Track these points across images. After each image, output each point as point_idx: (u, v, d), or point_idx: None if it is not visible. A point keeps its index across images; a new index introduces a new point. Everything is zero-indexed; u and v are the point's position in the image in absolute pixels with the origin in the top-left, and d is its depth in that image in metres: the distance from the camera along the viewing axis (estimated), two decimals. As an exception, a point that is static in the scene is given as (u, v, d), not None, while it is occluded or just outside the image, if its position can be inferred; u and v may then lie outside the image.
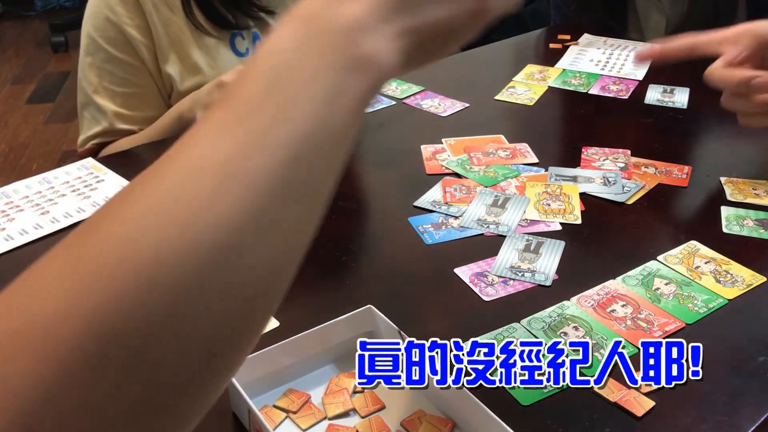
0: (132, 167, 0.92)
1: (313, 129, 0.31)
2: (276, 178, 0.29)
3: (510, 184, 0.86)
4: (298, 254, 0.32)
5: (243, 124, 0.30)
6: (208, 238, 0.27)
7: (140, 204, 0.27)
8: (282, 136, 0.30)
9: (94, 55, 1.04)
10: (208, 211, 0.27)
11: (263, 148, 0.30)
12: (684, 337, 0.62)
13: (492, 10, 0.40)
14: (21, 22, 4.21)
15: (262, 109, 0.31)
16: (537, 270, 0.70)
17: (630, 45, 1.29)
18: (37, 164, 2.69)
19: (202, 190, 0.28)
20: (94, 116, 1.08)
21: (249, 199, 0.28)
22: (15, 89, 3.32)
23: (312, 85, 0.32)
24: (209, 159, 0.29)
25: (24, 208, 0.83)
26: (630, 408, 0.55)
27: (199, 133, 0.30)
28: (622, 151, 0.92)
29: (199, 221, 0.27)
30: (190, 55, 1.06)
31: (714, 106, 1.07)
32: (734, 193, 0.82)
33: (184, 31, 1.05)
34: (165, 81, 1.07)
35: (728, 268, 0.70)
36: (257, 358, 0.54)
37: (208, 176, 0.28)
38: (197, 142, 0.30)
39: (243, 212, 0.28)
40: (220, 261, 0.27)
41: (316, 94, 0.32)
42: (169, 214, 0.27)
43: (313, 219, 0.32)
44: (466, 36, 0.41)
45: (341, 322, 0.58)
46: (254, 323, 0.31)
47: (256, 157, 0.29)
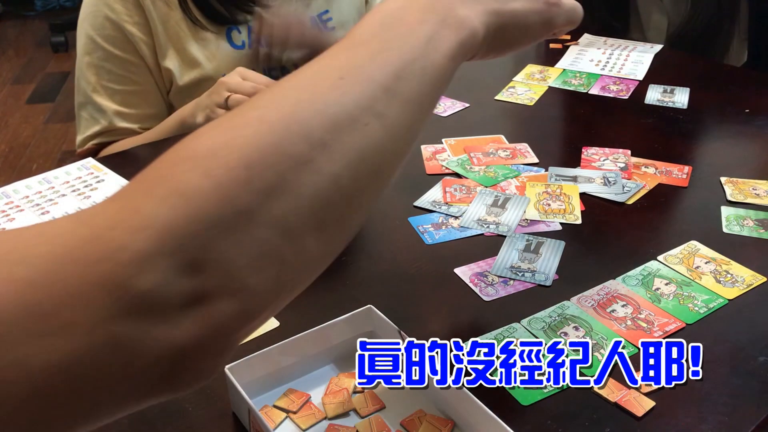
0: (132, 167, 0.92)
1: (412, 58, 0.41)
2: (373, 90, 0.39)
3: (510, 184, 0.86)
4: (401, 145, 0.41)
5: (357, 49, 0.41)
6: (316, 121, 0.37)
7: (292, 93, 0.39)
8: (384, 63, 0.40)
9: (93, 54, 1.05)
10: (327, 94, 0.38)
11: (371, 64, 0.40)
12: (684, 337, 0.62)
13: (557, 20, 0.53)
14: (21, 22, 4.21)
15: (372, 41, 0.41)
16: (537, 270, 0.70)
17: (630, 45, 1.29)
18: (37, 164, 2.69)
19: (327, 79, 0.39)
20: (92, 115, 1.08)
21: (359, 92, 0.38)
22: (15, 89, 3.32)
23: (414, 30, 0.42)
24: (329, 65, 0.40)
25: (24, 208, 0.83)
26: (630, 408, 0.55)
27: (324, 54, 0.41)
28: (622, 151, 0.92)
29: (321, 99, 0.38)
30: (187, 49, 1.06)
31: (714, 106, 1.07)
32: (734, 193, 0.82)
33: (182, 26, 1.05)
34: (164, 76, 1.07)
35: (728, 268, 0.70)
36: (257, 358, 0.54)
37: (331, 72, 0.39)
38: (322, 57, 0.41)
39: (354, 100, 0.38)
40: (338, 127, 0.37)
41: (417, 35, 0.42)
42: (306, 94, 0.38)
43: (410, 127, 0.41)
44: (535, 36, 0.53)
45: (341, 322, 0.58)
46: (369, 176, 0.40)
47: (367, 67, 0.40)
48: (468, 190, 0.84)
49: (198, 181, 0.32)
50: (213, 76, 1.07)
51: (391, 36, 0.42)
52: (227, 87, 0.97)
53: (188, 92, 1.08)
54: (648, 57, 1.23)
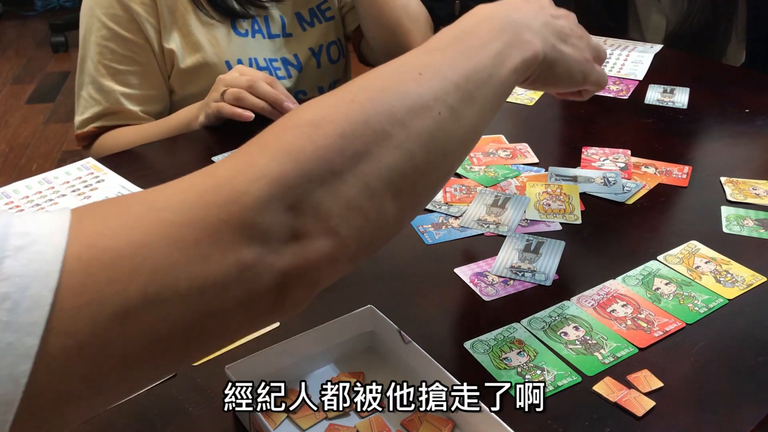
0: (132, 167, 0.92)
1: (482, 66, 0.49)
2: (447, 87, 0.47)
3: (510, 184, 0.86)
4: (467, 136, 0.50)
5: (434, 53, 0.50)
6: (398, 105, 0.45)
7: (379, 81, 0.47)
8: (457, 67, 0.48)
9: (98, 32, 1.05)
10: (407, 84, 0.46)
11: (446, 66, 0.48)
12: (684, 337, 0.62)
13: (590, 76, 0.64)
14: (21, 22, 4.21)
15: (448, 49, 0.50)
16: (537, 270, 0.70)
17: (630, 45, 1.29)
18: (37, 164, 2.68)
19: (409, 73, 0.47)
20: (92, 95, 1.07)
21: (435, 86, 0.46)
22: (15, 89, 3.32)
23: (485, 44, 0.51)
24: (410, 63, 0.49)
25: (24, 208, 0.83)
26: (630, 408, 0.55)
27: (404, 55, 0.50)
28: (622, 151, 0.92)
29: (403, 88, 0.46)
30: (192, 32, 1.07)
31: (714, 106, 1.07)
32: (734, 193, 0.82)
33: (188, 9, 1.06)
34: (167, 58, 1.07)
35: (728, 268, 0.70)
36: (257, 358, 0.54)
37: (412, 68, 0.47)
38: (403, 57, 0.49)
39: (430, 92, 0.46)
40: (415, 112, 0.45)
41: (488, 49, 0.51)
42: (391, 83, 0.46)
43: (475, 124, 0.49)
44: (573, 82, 0.62)
45: (341, 322, 0.58)
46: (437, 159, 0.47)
47: (443, 68, 0.48)
48: (468, 190, 0.84)
49: (302, 144, 0.41)
50: (215, 62, 1.08)
51: (464, 47, 0.50)
52: (225, 83, 0.98)
53: (189, 77, 1.09)
54: (648, 57, 1.23)
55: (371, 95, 0.45)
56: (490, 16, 0.53)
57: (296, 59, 1.17)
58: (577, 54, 0.61)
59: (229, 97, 0.97)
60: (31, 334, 0.32)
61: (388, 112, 0.44)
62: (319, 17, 1.20)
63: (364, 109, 0.43)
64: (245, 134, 0.42)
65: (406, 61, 0.49)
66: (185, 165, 0.98)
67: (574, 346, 0.61)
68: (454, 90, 0.47)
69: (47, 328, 0.32)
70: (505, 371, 0.58)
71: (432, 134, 0.46)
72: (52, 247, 0.34)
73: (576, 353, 0.60)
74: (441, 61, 0.49)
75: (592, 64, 0.64)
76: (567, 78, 0.61)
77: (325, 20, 1.21)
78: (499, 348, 0.61)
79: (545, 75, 0.58)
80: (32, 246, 0.33)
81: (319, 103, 0.45)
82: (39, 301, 0.32)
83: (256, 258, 0.38)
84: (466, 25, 0.53)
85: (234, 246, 0.37)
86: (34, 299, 0.32)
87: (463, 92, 0.48)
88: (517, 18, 0.54)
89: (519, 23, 0.54)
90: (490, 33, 0.52)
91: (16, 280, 0.32)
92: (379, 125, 0.43)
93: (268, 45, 1.14)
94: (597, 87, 0.68)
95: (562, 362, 0.59)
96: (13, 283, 0.32)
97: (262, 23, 1.13)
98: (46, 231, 0.34)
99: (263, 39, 1.13)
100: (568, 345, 0.61)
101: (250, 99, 0.96)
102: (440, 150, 0.47)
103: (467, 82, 0.48)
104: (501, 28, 0.52)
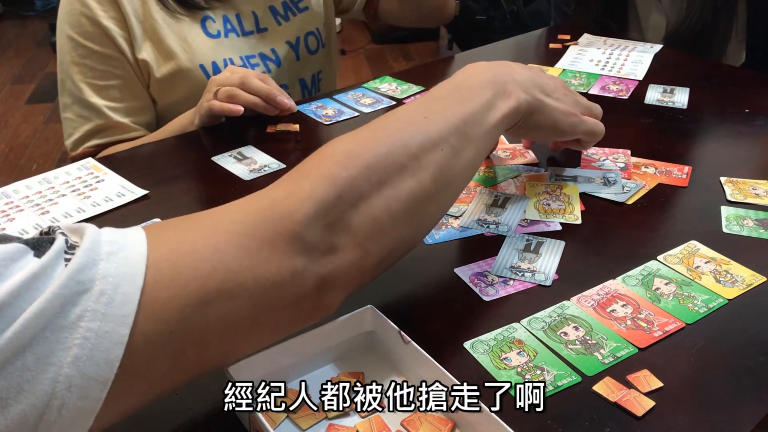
0: (132, 167, 0.92)
1: (475, 111, 0.60)
2: (449, 128, 0.57)
3: (510, 184, 0.86)
4: (465, 169, 0.60)
5: (436, 101, 0.61)
6: (412, 142, 0.55)
7: (396, 123, 0.58)
8: (456, 112, 0.59)
9: (73, 51, 1.06)
10: (418, 125, 0.57)
11: (447, 111, 0.59)
12: (684, 337, 0.62)
13: (579, 128, 0.75)
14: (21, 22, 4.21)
15: (448, 97, 0.61)
16: (537, 270, 0.70)
17: (630, 45, 1.29)
18: (37, 164, 2.69)
19: (418, 116, 0.58)
20: (80, 114, 1.08)
21: (439, 127, 0.57)
22: (15, 89, 3.32)
23: (477, 94, 0.62)
24: (417, 109, 0.59)
25: (24, 208, 0.83)
26: (630, 408, 0.55)
27: (411, 102, 0.62)
28: (622, 151, 0.92)
29: (414, 128, 0.56)
30: (163, 40, 1.07)
31: (714, 106, 1.07)
32: (734, 193, 0.82)
33: (156, 18, 1.06)
34: (142, 69, 1.08)
35: (728, 268, 0.70)
36: (257, 358, 0.54)
37: (419, 113, 0.58)
38: (406, 105, 0.61)
39: (436, 132, 0.56)
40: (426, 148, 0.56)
41: (480, 97, 0.62)
42: (404, 124, 0.58)
43: (471, 159, 0.60)
44: (562, 132, 0.74)
45: (341, 322, 0.58)
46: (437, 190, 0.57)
47: (444, 112, 0.59)
48: (468, 190, 0.84)
49: (338, 171, 0.50)
50: (189, 67, 1.08)
51: (461, 96, 0.61)
52: (217, 82, 0.99)
53: (166, 85, 1.09)
54: (648, 57, 1.23)
55: (390, 133, 0.55)
56: (481, 71, 0.65)
57: (274, 53, 1.17)
58: (560, 106, 0.71)
59: (222, 95, 0.97)
60: (124, 324, 0.39)
61: (405, 148, 0.54)
62: (293, 9, 1.21)
63: (385, 144, 0.53)
64: (243, 134, 0.43)
65: (414, 107, 0.60)
66: (185, 165, 0.99)
67: (574, 346, 0.61)
68: (454, 130, 0.57)
69: (137, 318, 0.39)
70: (505, 371, 0.58)
71: (439, 166, 0.55)
72: (136, 254, 0.41)
73: (576, 353, 0.60)
74: (442, 107, 0.59)
75: (579, 117, 0.74)
76: (551, 126, 0.71)
77: (299, 11, 1.21)
78: (499, 348, 0.61)
79: (530, 122, 0.68)
80: (121, 252, 0.40)
81: (350, 138, 0.54)
82: (129, 297, 0.39)
83: (304, 265, 0.47)
84: (461, 78, 0.64)
85: (288, 255, 0.46)
86: (125, 295, 0.39)
87: (461, 133, 0.58)
88: (503, 72, 0.65)
89: (505, 76, 0.65)
90: (481, 84, 0.63)
91: (110, 280, 0.39)
92: (398, 158, 0.53)
93: (242, 43, 1.14)
94: (591, 137, 0.78)
95: (562, 362, 0.59)
96: (108, 282, 0.39)
97: (234, 21, 1.13)
98: (130, 240, 0.41)
99: (237, 37, 1.13)
100: (568, 345, 0.61)
101: (243, 95, 0.96)
102: (445, 180, 0.56)
103: (465, 124, 0.59)
104: (489, 81, 0.63)
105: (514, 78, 0.66)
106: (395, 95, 1.11)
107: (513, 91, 0.64)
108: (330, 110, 1.07)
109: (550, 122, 0.70)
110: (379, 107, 1.08)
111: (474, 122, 0.60)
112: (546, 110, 0.69)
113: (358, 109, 1.07)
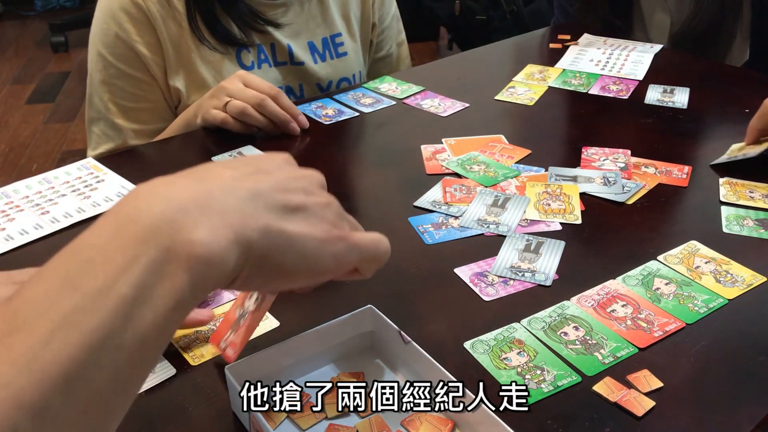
0: (132, 167, 0.92)
1: (102, 339, 0.30)
2: (42, 401, 0.29)
3: (510, 184, 0.86)
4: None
5: (18, 336, 0.29)
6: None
7: None
8: (57, 356, 0.29)
9: (104, 71, 1.04)
10: None
11: (32, 372, 0.29)
12: (684, 337, 0.62)
13: (348, 256, 0.42)
14: (21, 22, 4.21)
15: (42, 318, 0.30)
16: (537, 270, 0.70)
17: (630, 45, 1.29)
18: (37, 164, 2.68)
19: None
20: (105, 132, 1.07)
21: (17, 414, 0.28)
22: (15, 89, 3.32)
23: (113, 286, 0.31)
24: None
25: (24, 208, 0.83)
26: (630, 408, 0.55)
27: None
28: (622, 151, 0.92)
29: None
30: (197, 70, 1.06)
31: (714, 106, 1.07)
32: (728, 195, 0.82)
33: (191, 47, 1.05)
34: (173, 94, 1.07)
35: (728, 268, 0.70)
36: (257, 358, 0.54)
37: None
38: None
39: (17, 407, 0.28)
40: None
41: (112, 296, 0.31)
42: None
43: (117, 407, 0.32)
44: (324, 271, 0.41)
45: (341, 322, 0.58)
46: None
47: (24, 381, 0.28)
48: (468, 190, 0.84)
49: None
50: None
51: (71, 305, 0.30)
52: (227, 92, 0.96)
53: None
54: (648, 57, 1.23)
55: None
56: (134, 216, 0.33)
57: (300, 89, 1.16)
58: (313, 230, 0.40)
59: (234, 110, 0.95)
60: None
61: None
62: (331, 52, 1.18)
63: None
64: (243, 134, 0.42)
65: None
66: (185, 165, 0.98)
67: (574, 346, 0.61)
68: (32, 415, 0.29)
69: None
70: (505, 371, 0.58)
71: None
72: None
73: (576, 353, 0.60)
74: (24, 362, 0.29)
75: (346, 239, 0.42)
76: (304, 266, 0.40)
77: (337, 56, 1.19)
78: (499, 348, 0.61)
79: (265, 271, 0.38)
80: None
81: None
82: None
83: None
84: (82, 249, 0.32)
85: None
86: None
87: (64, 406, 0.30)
88: (183, 201, 0.34)
89: (187, 211, 0.34)
90: (124, 253, 0.32)
91: None
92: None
93: (274, 73, 1.12)
94: (375, 263, 0.46)
95: (562, 362, 0.59)
96: None
97: (269, 51, 1.12)
98: None
99: (269, 68, 1.12)
100: (568, 345, 0.61)
101: (255, 116, 0.95)
102: None
103: (74, 382, 0.30)
104: (143, 239, 0.32)
105: (210, 206, 0.35)
106: (395, 95, 1.11)
107: (202, 239, 0.33)
108: (330, 110, 1.07)
109: (301, 261, 0.39)
110: (379, 107, 1.08)
111: (106, 341, 0.31)
112: (292, 244, 0.39)
113: (358, 109, 1.07)
